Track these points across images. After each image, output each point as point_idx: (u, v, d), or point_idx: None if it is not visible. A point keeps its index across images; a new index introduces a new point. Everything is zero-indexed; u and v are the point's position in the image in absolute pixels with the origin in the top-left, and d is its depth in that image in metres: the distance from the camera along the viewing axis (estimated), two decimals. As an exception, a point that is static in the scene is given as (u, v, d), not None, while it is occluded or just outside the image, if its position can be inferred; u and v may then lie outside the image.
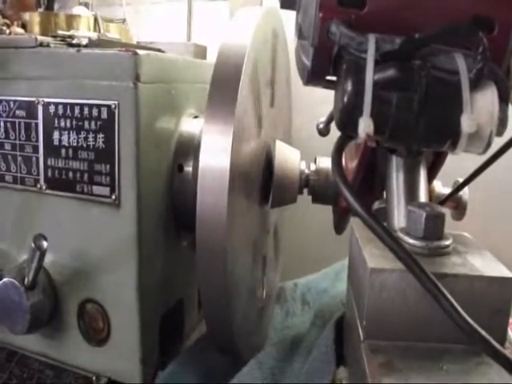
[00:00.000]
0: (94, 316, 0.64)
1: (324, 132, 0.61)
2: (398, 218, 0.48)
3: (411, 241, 0.42)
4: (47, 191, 0.64)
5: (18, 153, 0.65)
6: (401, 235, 0.43)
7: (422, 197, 0.48)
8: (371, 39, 0.33)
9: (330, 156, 0.70)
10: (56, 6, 0.84)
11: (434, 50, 0.33)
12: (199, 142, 0.55)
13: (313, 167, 0.68)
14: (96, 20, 0.73)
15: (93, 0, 0.84)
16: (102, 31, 0.73)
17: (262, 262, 0.73)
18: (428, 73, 0.33)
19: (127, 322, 0.62)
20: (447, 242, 0.42)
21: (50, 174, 0.63)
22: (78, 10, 0.78)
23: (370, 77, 0.32)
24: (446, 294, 0.33)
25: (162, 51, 0.79)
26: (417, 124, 0.34)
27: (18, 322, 0.63)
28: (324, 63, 0.38)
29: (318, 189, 0.67)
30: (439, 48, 0.34)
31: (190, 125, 0.69)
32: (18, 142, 0.65)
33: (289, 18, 0.52)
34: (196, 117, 0.71)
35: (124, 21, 0.86)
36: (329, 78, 0.40)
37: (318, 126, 0.62)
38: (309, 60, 0.39)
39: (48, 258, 0.64)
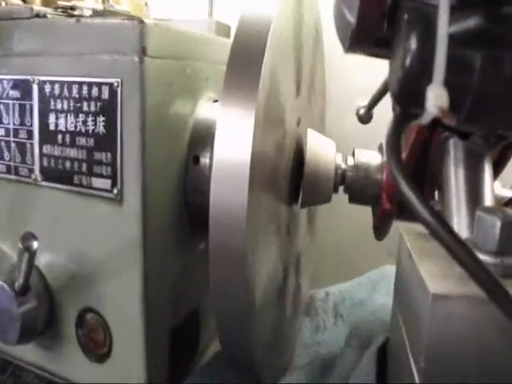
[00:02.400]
0: (95, 328, 0.56)
1: (365, 119, 0.51)
2: (459, 226, 0.38)
3: (481, 256, 0.32)
4: (42, 183, 0.56)
5: (11, 139, 0.57)
6: (468, 249, 0.33)
7: (488, 200, 0.38)
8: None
9: (369, 149, 0.61)
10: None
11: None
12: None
13: (350, 161, 0.58)
14: (105, -8, 0.64)
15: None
16: (110, 2, 0.64)
17: (288, 269, 0.63)
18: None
19: (131, 337, 0.54)
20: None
21: (45, 163, 0.55)
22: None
23: (443, 29, 0.22)
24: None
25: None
26: (509, 96, 0.23)
27: (7, 331, 0.55)
28: (374, 16, 0.28)
29: (357, 187, 0.57)
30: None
31: (208, 110, 0.60)
32: (11, 126, 0.57)
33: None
34: (216, 101, 0.62)
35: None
36: (379, 39, 0.30)
37: (358, 111, 0.52)
38: (353, 14, 0.29)
39: (44, 260, 0.57)
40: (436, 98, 0.22)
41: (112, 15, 0.56)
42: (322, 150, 0.57)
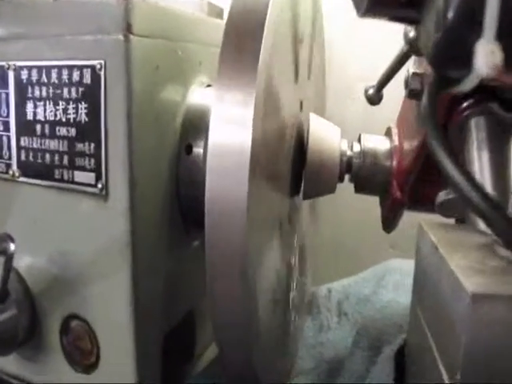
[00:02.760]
0: (80, 336, 0.51)
1: (375, 99, 0.47)
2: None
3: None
4: (21, 179, 0.51)
5: (-14, 132, 0.52)
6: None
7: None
8: None
9: (375, 135, 0.57)
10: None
11: None
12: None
13: (357, 148, 0.53)
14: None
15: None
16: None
17: (291, 266, 0.59)
18: None
19: (120, 345, 0.49)
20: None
21: (23, 156, 0.50)
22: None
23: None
24: None
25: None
26: None
27: (-15, 343, 0.50)
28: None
29: (364, 174, 0.52)
30: None
31: (201, 95, 0.55)
32: (-14, 118, 0.52)
33: None
34: (209, 86, 0.57)
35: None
36: None
37: (366, 91, 0.48)
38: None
39: (24, 263, 0.52)
40: (487, 56, 0.18)
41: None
42: (326, 136, 0.53)
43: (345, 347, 0.61)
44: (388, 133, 0.54)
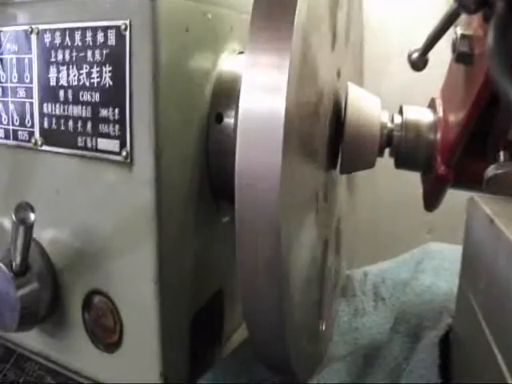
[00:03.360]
0: (103, 313, 0.49)
1: (419, 64, 0.43)
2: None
3: None
4: (43, 147, 0.49)
5: (9, 99, 0.50)
6: None
7: None
8: None
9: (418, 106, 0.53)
10: None
11: None
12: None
13: (398, 119, 0.49)
14: None
15: None
16: None
17: (327, 245, 0.55)
18: None
19: (144, 324, 0.47)
20: None
21: (46, 124, 0.48)
22: None
23: None
24: None
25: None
26: None
27: (5, 316, 0.49)
28: None
29: (406, 148, 0.48)
30: None
31: (233, 63, 0.52)
32: (9, 84, 0.50)
33: None
34: (241, 53, 0.54)
35: None
36: None
37: (410, 56, 0.44)
38: None
39: (46, 235, 0.50)
40: None
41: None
42: (365, 107, 0.49)
43: (381, 333, 0.57)
44: (432, 104, 0.50)
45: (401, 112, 0.50)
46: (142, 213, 0.44)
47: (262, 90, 0.36)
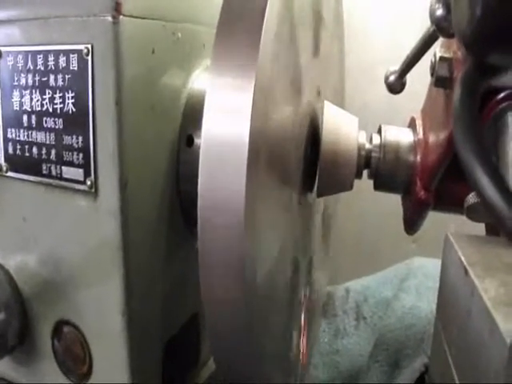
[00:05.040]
0: (72, 343, 0.47)
1: (396, 87, 0.41)
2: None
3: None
4: (9, 173, 0.47)
5: (-28, 123, 0.48)
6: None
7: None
8: None
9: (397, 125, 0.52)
10: None
11: None
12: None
13: (376, 140, 0.48)
14: None
15: None
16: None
17: (303, 268, 0.54)
18: None
19: (113, 355, 0.45)
20: None
21: (10, 149, 0.46)
22: None
23: None
24: None
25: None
26: None
27: (-27, 348, 0.47)
28: None
29: (384, 171, 0.47)
30: None
31: (204, 82, 0.50)
32: (-29, 108, 0.48)
33: None
34: (214, 71, 0.52)
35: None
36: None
37: (387, 78, 0.42)
38: None
39: (13, 262, 0.48)
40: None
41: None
42: (342, 127, 0.47)
43: (362, 355, 0.56)
44: (412, 124, 0.48)
45: (379, 132, 0.48)
46: (108, 243, 0.42)
47: (225, 114, 0.34)
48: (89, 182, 0.42)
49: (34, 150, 0.45)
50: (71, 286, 0.46)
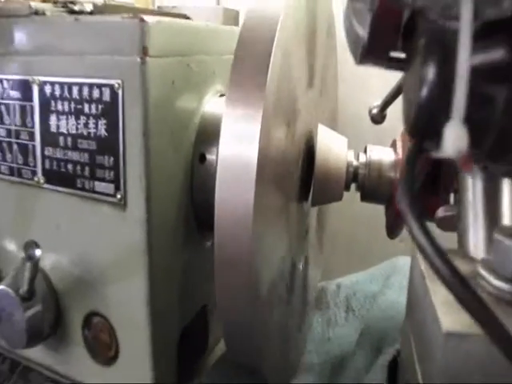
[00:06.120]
0: (101, 331, 0.55)
1: (378, 119, 0.49)
2: (476, 241, 0.36)
3: (497, 282, 0.30)
4: (45, 185, 0.54)
5: (13, 140, 0.56)
6: (483, 273, 0.31)
7: (507, 217, 0.36)
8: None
9: (383, 145, 0.59)
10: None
11: None
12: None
13: (362, 158, 0.55)
14: (107, -19, 0.62)
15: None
16: (113, -6, 0.62)
17: (299, 267, 0.62)
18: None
19: (137, 341, 0.53)
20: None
21: (48, 165, 0.54)
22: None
23: (464, 60, 0.20)
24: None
25: (187, 17, 0.67)
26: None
27: (15, 336, 0.55)
28: (388, 34, 0.26)
29: (369, 186, 0.55)
30: None
31: (215, 105, 0.58)
32: (13, 127, 0.55)
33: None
34: (223, 95, 0.60)
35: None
36: (393, 55, 0.28)
37: (370, 111, 0.50)
38: (365, 30, 0.27)
39: (48, 262, 0.56)
40: (454, 140, 0.20)
41: (113, 11, 0.53)
42: (333, 147, 0.55)
43: (350, 342, 0.64)
44: (393, 145, 0.56)
45: (365, 151, 0.56)
46: (135, 247, 0.50)
47: (238, 138, 0.42)
48: (119, 196, 0.49)
49: (69, 166, 0.52)
50: (100, 283, 0.53)
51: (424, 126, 0.23)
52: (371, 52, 0.28)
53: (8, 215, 0.59)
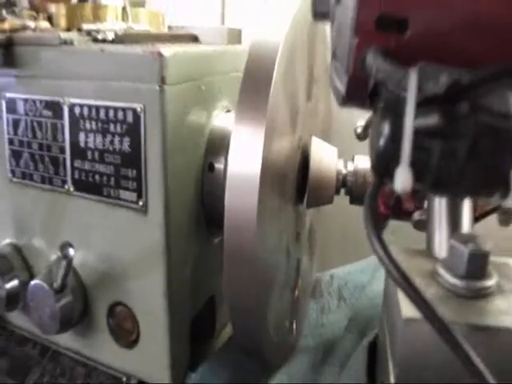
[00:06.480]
0: (124, 319, 0.63)
1: (362, 136, 0.57)
2: (440, 244, 0.45)
3: (452, 280, 0.38)
4: (75, 193, 0.62)
5: (45, 153, 0.64)
6: (441, 271, 0.40)
7: (466, 225, 0.44)
8: (412, 77, 0.29)
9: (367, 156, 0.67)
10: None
11: (484, 90, 0.29)
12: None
13: (350, 167, 0.64)
14: (124, 9, 0.69)
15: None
16: (130, 20, 0.69)
17: (296, 259, 0.70)
18: (476, 119, 0.28)
19: (156, 327, 0.61)
20: (490, 283, 0.38)
21: (77, 175, 0.62)
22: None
23: (409, 123, 0.28)
24: (464, 345, 0.30)
25: (195, 36, 0.75)
26: (462, 175, 0.30)
27: (48, 323, 0.63)
28: (360, 93, 0.34)
29: (356, 191, 0.63)
30: (489, 87, 0.29)
31: (221, 120, 0.66)
32: (44, 141, 0.63)
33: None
34: (228, 111, 0.67)
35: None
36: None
37: (355, 130, 0.58)
38: (343, 85, 0.35)
39: (77, 259, 0.64)
40: (402, 182, 0.28)
41: (133, 40, 0.61)
42: (325, 157, 0.63)
43: (341, 328, 0.72)
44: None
45: (353, 160, 0.64)
46: (154, 247, 0.58)
47: (244, 153, 0.50)
48: (141, 203, 0.57)
49: (97, 177, 0.60)
50: (124, 277, 0.62)
51: (381, 169, 0.31)
52: (348, 101, 0.36)
53: (39, 218, 0.67)
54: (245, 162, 0.50)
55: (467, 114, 0.29)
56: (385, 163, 0.30)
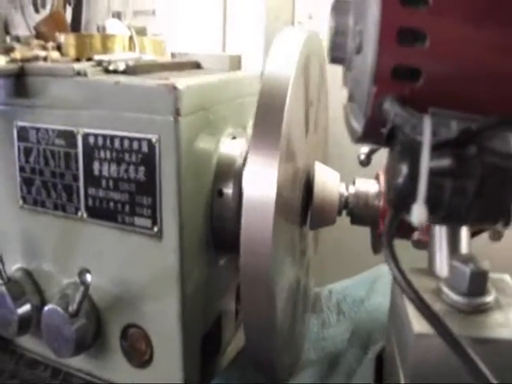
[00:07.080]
0: (137, 340, 0.66)
1: (365, 163, 0.61)
2: (441, 264, 0.48)
3: (455, 297, 0.42)
4: (88, 219, 0.65)
5: (57, 180, 0.66)
6: (445, 289, 0.43)
7: (464, 246, 0.48)
8: (427, 124, 0.32)
9: (369, 177, 0.71)
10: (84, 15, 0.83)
11: (488, 134, 0.33)
12: (239, 165, 0.60)
13: (352, 190, 0.67)
14: (131, 38, 0.72)
15: (124, 9, 0.82)
16: (137, 50, 0.72)
17: (301, 276, 0.73)
18: (482, 160, 0.32)
19: (170, 347, 0.64)
20: (489, 298, 0.42)
21: (90, 203, 0.64)
22: (111, 24, 0.77)
23: (425, 165, 0.31)
24: (474, 358, 0.33)
25: (197, 63, 0.78)
26: (470, 208, 0.33)
27: (63, 347, 0.65)
28: (376, 133, 0.37)
29: (357, 212, 0.66)
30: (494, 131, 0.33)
31: (228, 147, 0.69)
32: (57, 169, 0.66)
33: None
34: (234, 138, 0.70)
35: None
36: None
37: (359, 157, 0.61)
38: (360, 126, 0.38)
39: (91, 283, 0.66)
40: (418, 216, 0.32)
41: (144, 71, 0.64)
42: (328, 181, 0.67)
43: (342, 341, 0.75)
44: (376, 177, 0.67)
45: (354, 183, 0.68)
46: (169, 271, 0.61)
47: (260, 181, 0.53)
48: (156, 229, 0.60)
49: (111, 204, 0.62)
50: (138, 300, 0.64)
51: (399, 204, 0.35)
52: (364, 140, 0.40)
53: (51, 243, 0.69)
54: (260, 187, 0.53)
55: (475, 156, 0.32)
56: (402, 199, 0.34)
